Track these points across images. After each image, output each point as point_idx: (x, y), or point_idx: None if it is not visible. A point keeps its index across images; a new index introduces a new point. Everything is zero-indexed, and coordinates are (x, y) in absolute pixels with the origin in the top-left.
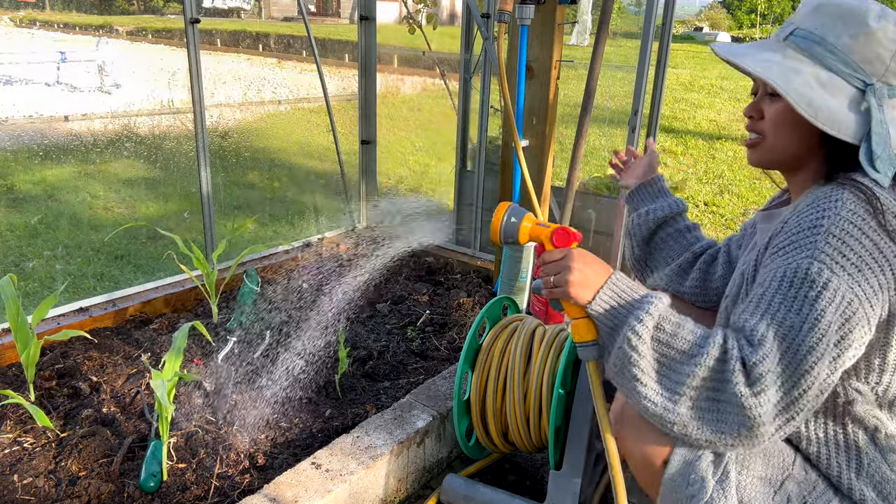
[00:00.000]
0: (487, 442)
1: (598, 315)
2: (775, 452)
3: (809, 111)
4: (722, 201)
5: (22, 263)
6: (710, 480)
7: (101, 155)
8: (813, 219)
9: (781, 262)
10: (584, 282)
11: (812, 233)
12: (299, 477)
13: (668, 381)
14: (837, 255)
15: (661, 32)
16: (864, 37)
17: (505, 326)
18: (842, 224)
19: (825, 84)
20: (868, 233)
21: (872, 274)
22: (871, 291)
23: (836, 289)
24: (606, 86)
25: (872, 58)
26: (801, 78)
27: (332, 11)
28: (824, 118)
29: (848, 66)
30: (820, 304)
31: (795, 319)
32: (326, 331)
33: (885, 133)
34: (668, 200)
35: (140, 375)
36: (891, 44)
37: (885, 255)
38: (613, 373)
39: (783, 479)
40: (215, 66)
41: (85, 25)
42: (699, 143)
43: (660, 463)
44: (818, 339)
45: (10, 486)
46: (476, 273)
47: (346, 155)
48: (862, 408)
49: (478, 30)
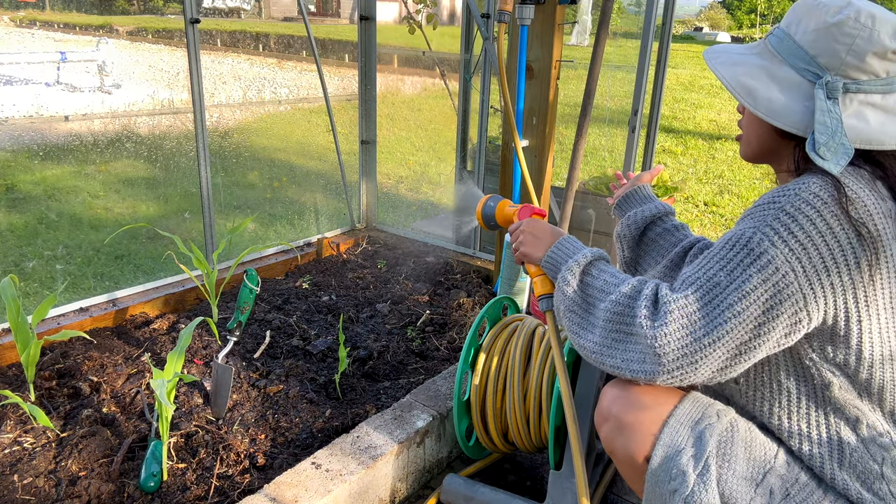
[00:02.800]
0: (487, 442)
1: (547, 266)
2: (757, 445)
3: (749, 100)
4: (722, 201)
5: (22, 263)
6: (690, 474)
7: (101, 155)
8: (772, 196)
9: (734, 229)
10: (536, 243)
11: (766, 207)
12: (299, 477)
13: (588, 315)
14: (783, 230)
15: (661, 32)
16: (822, 31)
17: (505, 326)
18: (797, 203)
19: (776, 77)
20: (825, 216)
21: (819, 255)
22: (812, 272)
23: (771, 259)
24: (606, 86)
25: (827, 51)
26: (748, 70)
27: (332, 11)
28: (763, 108)
29: (802, 60)
30: (751, 270)
31: (723, 278)
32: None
33: (831, 123)
34: (655, 203)
35: (140, 375)
36: (845, 38)
37: (838, 239)
38: (555, 312)
39: (765, 472)
40: (215, 67)
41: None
42: (699, 143)
43: (642, 459)
44: (738, 299)
45: (10, 486)
46: (476, 273)
47: (346, 155)
48: (840, 395)
49: (478, 30)
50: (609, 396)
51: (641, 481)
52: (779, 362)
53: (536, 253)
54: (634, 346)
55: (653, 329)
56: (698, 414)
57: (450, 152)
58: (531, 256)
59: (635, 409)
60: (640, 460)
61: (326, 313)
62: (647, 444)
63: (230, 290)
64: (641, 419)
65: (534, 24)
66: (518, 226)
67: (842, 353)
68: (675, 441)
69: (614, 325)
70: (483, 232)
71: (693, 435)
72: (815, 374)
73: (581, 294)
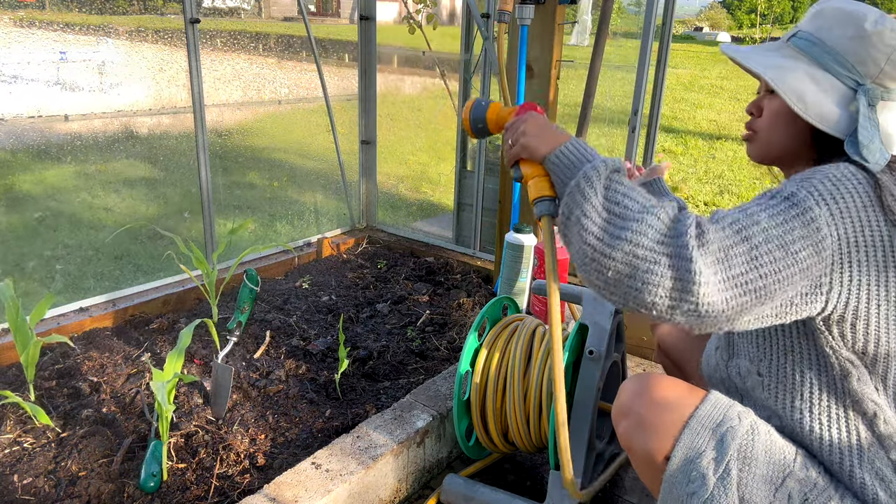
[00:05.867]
0: (487, 442)
1: (554, 165)
2: (776, 449)
3: (800, 105)
4: (722, 201)
5: (22, 263)
6: (711, 478)
7: (101, 154)
8: (814, 171)
9: (769, 190)
10: (541, 136)
11: (808, 175)
12: (299, 477)
13: (612, 227)
14: (828, 194)
15: (661, 32)
16: (860, 39)
17: (505, 326)
18: (840, 174)
19: (819, 81)
20: (862, 194)
21: (853, 228)
22: (846, 242)
23: (814, 217)
24: (606, 86)
25: (867, 60)
26: (795, 75)
27: (332, 11)
28: (814, 113)
29: (842, 67)
30: (794, 222)
31: (766, 222)
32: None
33: (872, 129)
34: (671, 196)
35: (140, 375)
36: (885, 48)
37: (869, 220)
38: (562, 220)
39: (784, 476)
40: (215, 66)
41: (85, 25)
42: (699, 143)
43: (661, 459)
44: (777, 247)
45: (10, 486)
46: (476, 273)
47: (346, 155)
48: (859, 387)
49: (478, 30)
50: (629, 392)
51: (658, 480)
52: (802, 350)
53: (541, 148)
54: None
55: (699, 252)
56: (720, 416)
57: (450, 152)
58: (535, 151)
59: (657, 408)
60: (660, 460)
61: (326, 313)
62: (668, 444)
63: (230, 290)
64: (663, 418)
65: (534, 24)
66: (516, 121)
67: (861, 339)
68: (696, 443)
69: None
70: (483, 232)
71: (714, 438)
72: (834, 363)
73: (605, 203)
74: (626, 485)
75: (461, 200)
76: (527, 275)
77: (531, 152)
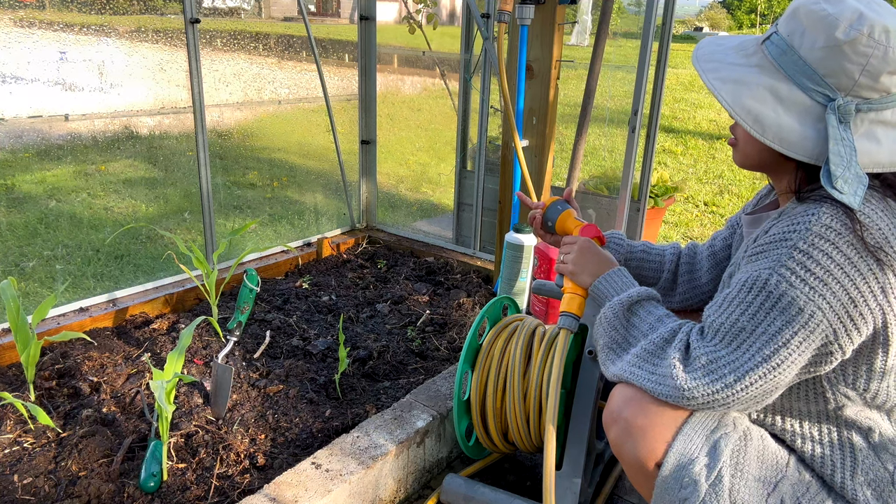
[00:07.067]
0: (487, 442)
1: (593, 293)
2: (769, 454)
3: (756, 128)
4: (722, 201)
5: (22, 263)
6: (703, 483)
7: (101, 155)
8: (785, 231)
9: (748, 268)
10: (586, 265)
11: (779, 245)
12: (299, 477)
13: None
14: (800, 269)
15: (661, 32)
16: (830, 50)
17: (505, 326)
18: (810, 239)
19: (783, 98)
20: (841, 247)
21: (842, 288)
22: (839, 305)
23: (792, 301)
24: (606, 86)
25: (838, 72)
26: (754, 92)
27: (332, 11)
28: (772, 136)
29: (811, 80)
30: (773, 313)
31: (747, 323)
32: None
33: (846, 152)
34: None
35: (140, 375)
36: (859, 58)
37: (858, 268)
38: (596, 335)
39: (777, 481)
40: (215, 66)
41: (85, 25)
42: (699, 143)
43: (653, 465)
44: (765, 344)
45: (10, 486)
46: (476, 273)
47: (346, 155)
48: (853, 411)
49: (478, 30)
50: (620, 397)
51: (649, 486)
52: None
53: (584, 276)
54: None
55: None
56: (714, 422)
57: (450, 152)
58: (579, 278)
59: (648, 414)
60: (651, 466)
61: (326, 313)
62: (659, 450)
63: (230, 290)
64: (654, 424)
65: (534, 24)
66: (575, 240)
67: (863, 376)
68: (689, 449)
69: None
70: (483, 232)
71: (708, 444)
72: (830, 397)
73: (621, 329)
74: (627, 485)
75: (461, 200)
76: (527, 275)
77: (576, 279)
